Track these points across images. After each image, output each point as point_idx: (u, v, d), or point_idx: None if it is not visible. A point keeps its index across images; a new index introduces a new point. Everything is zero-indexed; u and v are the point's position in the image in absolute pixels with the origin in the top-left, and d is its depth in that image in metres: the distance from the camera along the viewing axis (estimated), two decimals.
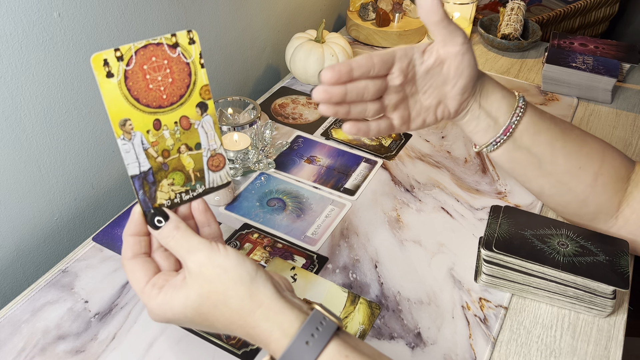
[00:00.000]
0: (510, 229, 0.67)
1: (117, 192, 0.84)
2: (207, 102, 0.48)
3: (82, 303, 0.64)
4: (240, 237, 0.73)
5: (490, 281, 0.67)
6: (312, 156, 0.88)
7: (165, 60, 0.45)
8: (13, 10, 0.60)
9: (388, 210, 0.78)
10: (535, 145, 0.62)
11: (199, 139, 0.48)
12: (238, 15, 0.97)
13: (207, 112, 0.48)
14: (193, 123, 0.47)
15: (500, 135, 0.62)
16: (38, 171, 0.70)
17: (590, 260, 0.63)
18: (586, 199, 0.64)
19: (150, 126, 0.45)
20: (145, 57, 0.44)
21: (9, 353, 0.58)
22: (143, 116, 0.45)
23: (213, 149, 0.49)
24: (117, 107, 0.43)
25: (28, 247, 0.73)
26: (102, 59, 0.42)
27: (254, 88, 1.10)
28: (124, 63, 0.43)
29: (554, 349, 0.62)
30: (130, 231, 0.47)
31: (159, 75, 0.45)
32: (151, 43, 0.44)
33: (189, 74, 0.46)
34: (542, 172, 0.64)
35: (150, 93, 0.45)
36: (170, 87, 0.46)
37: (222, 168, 0.50)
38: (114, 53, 0.42)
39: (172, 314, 0.44)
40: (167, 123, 0.46)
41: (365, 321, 0.63)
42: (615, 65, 1.04)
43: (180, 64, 0.46)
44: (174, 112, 0.46)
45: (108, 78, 0.42)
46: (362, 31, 1.20)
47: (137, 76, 0.44)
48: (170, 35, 0.45)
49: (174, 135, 0.47)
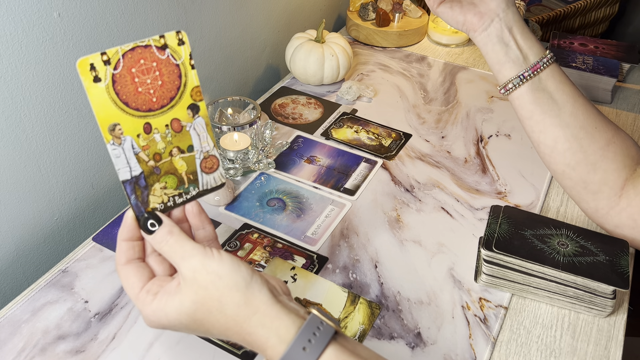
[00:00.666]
0: (510, 229, 0.67)
1: (117, 192, 0.84)
2: (199, 103, 0.46)
3: (82, 303, 0.64)
4: (240, 237, 0.73)
5: (490, 281, 0.67)
6: (312, 156, 0.88)
7: (154, 62, 0.44)
8: (13, 10, 0.60)
9: (388, 210, 0.78)
10: (558, 92, 0.65)
11: (191, 141, 0.47)
12: (238, 15, 0.97)
13: (199, 114, 0.47)
14: (185, 125, 0.46)
15: (528, 70, 0.65)
16: (38, 171, 0.70)
17: (590, 260, 0.63)
18: (595, 162, 0.65)
19: (140, 130, 0.44)
20: (133, 60, 0.43)
21: (9, 353, 0.58)
22: (133, 120, 0.44)
23: (206, 151, 0.48)
24: (105, 112, 0.42)
25: (28, 247, 0.73)
26: (88, 64, 0.41)
27: (254, 88, 1.10)
28: (111, 67, 0.42)
29: (554, 349, 0.62)
30: (123, 236, 0.46)
31: (148, 78, 0.44)
32: (139, 45, 0.43)
33: (179, 75, 0.45)
34: (559, 122, 0.65)
35: (140, 96, 0.44)
36: (160, 89, 0.44)
37: (216, 170, 0.49)
38: (101, 57, 0.41)
39: (167, 320, 0.44)
40: (157, 126, 0.45)
41: (365, 321, 0.63)
42: (615, 65, 1.04)
43: (169, 66, 0.44)
44: (165, 115, 0.45)
45: (95, 83, 0.41)
46: (362, 31, 1.20)
47: (126, 80, 0.43)
48: (158, 37, 0.44)
49: (165, 138, 0.45)
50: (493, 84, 1.09)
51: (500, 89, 0.68)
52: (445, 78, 1.10)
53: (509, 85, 0.66)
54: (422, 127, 0.96)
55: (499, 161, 0.88)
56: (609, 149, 0.65)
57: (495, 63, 0.67)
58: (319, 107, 1.00)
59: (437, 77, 1.11)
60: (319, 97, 1.02)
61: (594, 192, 0.66)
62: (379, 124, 0.95)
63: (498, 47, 0.66)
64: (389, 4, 1.22)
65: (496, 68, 0.67)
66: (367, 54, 1.18)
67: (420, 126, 0.96)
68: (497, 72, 0.68)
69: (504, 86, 0.67)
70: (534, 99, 0.65)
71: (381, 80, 1.08)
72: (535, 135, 0.68)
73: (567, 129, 0.65)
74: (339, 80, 1.05)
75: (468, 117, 0.98)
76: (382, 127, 0.95)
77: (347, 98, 1.01)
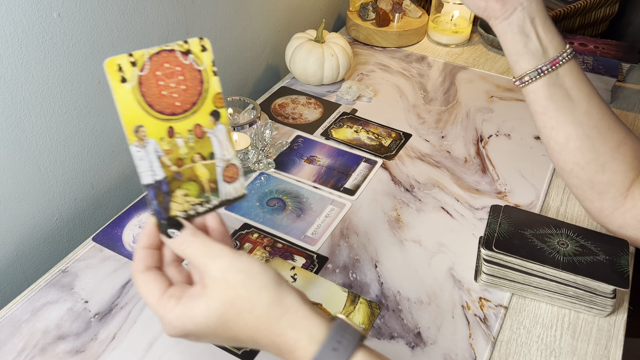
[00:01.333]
0: (510, 228, 0.67)
1: (117, 192, 0.84)
2: (220, 110, 0.46)
3: (82, 303, 0.64)
4: (240, 237, 0.73)
5: (490, 281, 0.67)
6: (312, 156, 0.88)
7: (177, 66, 0.44)
8: (13, 11, 0.60)
9: (388, 210, 0.78)
10: (574, 89, 0.64)
11: (212, 149, 0.47)
12: (238, 15, 0.97)
13: (220, 121, 0.47)
14: (206, 132, 0.46)
15: (547, 64, 0.63)
16: (38, 171, 0.70)
17: (590, 260, 0.63)
18: (605, 163, 0.64)
19: (163, 133, 0.44)
20: (158, 63, 0.43)
21: (9, 353, 0.58)
22: (157, 123, 0.44)
23: (227, 159, 0.47)
24: (131, 113, 0.43)
25: (28, 248, 0.73)
26: (116, 64, 0.42)
27: (254, 88, 1.10)
28: (138, 69, 0.42)
29: (554, 348, 0.62)
30: (143, 243, 0.45)
31: (172, 82, 0.44)
32: (164, 49, 0.43)
33: (201, 81, 0.45)
34: (573, 119, 0.64)
35: (164, 100, 0.44)
36: (183, 94, 0.45)
37: (237, 179, 0.48)
38: (128, 58, 0.42)
39: (193, 325, 0.42)
40: (180, 131, 0.45)
41: (365, 321, 0.63)
42: (615, 65, 1.04)
43: (192, 71, 0.45)
44: (187, 119, 0.45)
45: (122, 83, 0.42)
46: (362, 31, 1.20)
47: (151, 82, 0.43)
48: (182, 42, 0.44)
49: (187, 143, 0.45)
50: (493, 84, 1.09)
51: (515, 80, 0.66)
52: (445, 78, 1.10)
53: (525, 78, 0.64)
54: (422, 127, 0.96)
55: (499, 161, 0.88)
56: (619, 150, 0.64)
57: (513, 53, 0.65)
58: (319, 107, 1.00)
59: (437, 77, 1.11)
60: (318, 97, 1.02)
61: (600, 192, 0.66)
62: (379, 124, 0.95)
63: (518, 37, 0.64)
64: (389, 4, 1.22)
65: (513, 59, 0.65)
66: (367, 54, 1.18)
67: (420, 126, 0.96)
68: (514, 63, 0.66)
69: (520, 78, 0.65)
70: (550, 94, 0.64)
71: (381, 80, 1.08)
72: (546, 131, 0.67)
73: (580, 127, 0.64)
74: (338, 80, 1.05)
75: (468, 117, 0.98)
76: (382, 127, 0.95)
77: (347, 98, 1.01)
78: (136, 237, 0.72)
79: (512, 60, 0.66)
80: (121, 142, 0.81)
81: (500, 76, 1.11)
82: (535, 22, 0.64)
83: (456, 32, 1.21)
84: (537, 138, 0.94)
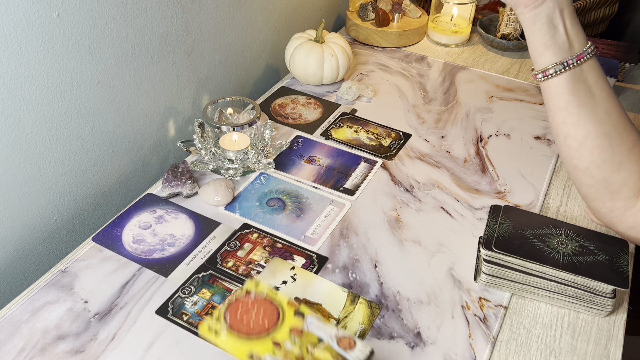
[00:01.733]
0: (509, 228, 0.67)
1: (116, 192, 0.84)
2: (300, 308, 0.54)
3: (82, 303, 0.64)
4: (240, 237, 0.73)
5: (490, 281, 0.67)
6: (311, 156, 0.88)
7: (248, 304, 0.54)
8: (12, 11, 0.60)
9: (388, 210, 0.78)
10: (596, 86, 0.63)
11: (317, 336, 0.52)
12: (238, 15, 0.97)
13: (306, 315, 0.53)
14: (302, 328, 0.52)
15: (573, 58, 0.61)
16: (37, 171, 0.70)
17: (590, 260, 0.63)
18: (621, 163, 0.63)
19: (270, 347, 0.51)
20: (234, 308, 0.54)
21: (9, 353, 0.58)
22: (261, 342, 0.52)
23: (334, 335, 0.52)
24: (238, 349, 0.51)
25: (27, 248, 0.73)
26: (206, 327, 0.52)
27: (254, 88, 1.10)
28: (222, 320, 0.53)
29: (553, 348, 0.62)
30: None
31: (252, 314, 0.54)
32: (231, 302, 0.54)
33: (271, 302, 0.55)
34: (594, 117, 0.63)
35: (254, 327, 0.52)
36: (264, 315, 0.53)
37: (355, 345, 0.51)
38: (211, 319, 0.53)
39: None
40: (282, 338, 0.52)
41: (365, 321, 0.63)
42: (615, 65, 1.04)
43: (259, 301, 0.55)
44: (282, 328, 0.53)
45: (218, 336, 0.52)
46: (361, 31, 1.20)
47: (237, 322, 0.53)
48: (239, 289, 0.55)
49: (294, 343, 0.51)
50: (493, 84, 1.09)
51: (537, 73, 0.64)
52: (444, 78, 1.10)
53: (550, 71, 0.62)
54: (422, 127, 0.96)
55: (499, 161, 0.88)
56: (635, 150, 0.63)
57: (539, 45, 0.63)
58: (319, 107, 1.00)
59: (437, 77, 1.11)
60: (318, 97, 1.02)
61: (613, 192, 0.65)
62: (379, 124, 0.95)
63: (546, 28, 0.62)
64: (389, 4, 1.22)
65: (539, 50, 0.63)
66: (366, 54, 1.18)
67: (419, 126, 0.96)
68: (538, 55, 0.63)
69: (544, 71, 0.63)
70: (573, 89, 0.62)
71: (381, 80, 1.08)
72: (565, 128, 0.65)
73: (599, 125, 0.63)
74: (338, 80, 1.05)
75: (468, 117, 0.98)
76: (381, 127, 0.95)
77: (346, 98, 1.01)
78: (136, 237, 0.72)
79: (537, 52, 0.64)
80: (121, 142, 0.81)
81: (500, 76, 1.11)
82: (564, 14, 0.62)
83: (456, 32, 1.21)
84: (537, 138, 0.94)
